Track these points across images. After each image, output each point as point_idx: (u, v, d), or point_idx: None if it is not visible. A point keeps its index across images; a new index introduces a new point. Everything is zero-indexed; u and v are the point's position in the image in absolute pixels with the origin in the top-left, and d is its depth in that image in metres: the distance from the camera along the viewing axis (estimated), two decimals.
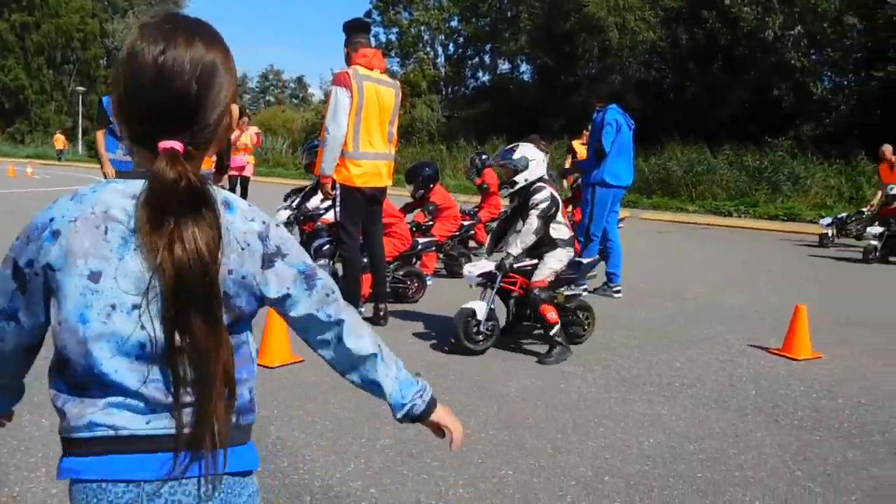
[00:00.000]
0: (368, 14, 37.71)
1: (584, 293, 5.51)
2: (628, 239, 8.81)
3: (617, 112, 7.13)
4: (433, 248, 7.31)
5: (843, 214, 12.87)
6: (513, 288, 5.23)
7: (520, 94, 30.88)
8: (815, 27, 21.08)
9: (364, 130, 5.38)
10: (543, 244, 5.16)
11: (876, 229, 10.79)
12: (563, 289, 5.25)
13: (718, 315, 6.60)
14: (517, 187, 5.21)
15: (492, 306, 5.05)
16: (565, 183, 10.69)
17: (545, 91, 27.81)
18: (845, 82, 22.32)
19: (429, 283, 6.85)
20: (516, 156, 5.19)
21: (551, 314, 4.95)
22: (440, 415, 1.41)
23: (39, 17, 53.53)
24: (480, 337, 5.00)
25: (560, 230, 5.16)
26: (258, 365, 4.69)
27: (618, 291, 7.27)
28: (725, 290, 7.88)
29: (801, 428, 3.90)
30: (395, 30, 37.83)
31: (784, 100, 21.92)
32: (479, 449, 3.46)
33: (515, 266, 5.13)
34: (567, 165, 10.79)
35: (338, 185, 5.44)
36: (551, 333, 4.94)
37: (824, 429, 3.89)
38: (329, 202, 5.99)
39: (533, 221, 5.02)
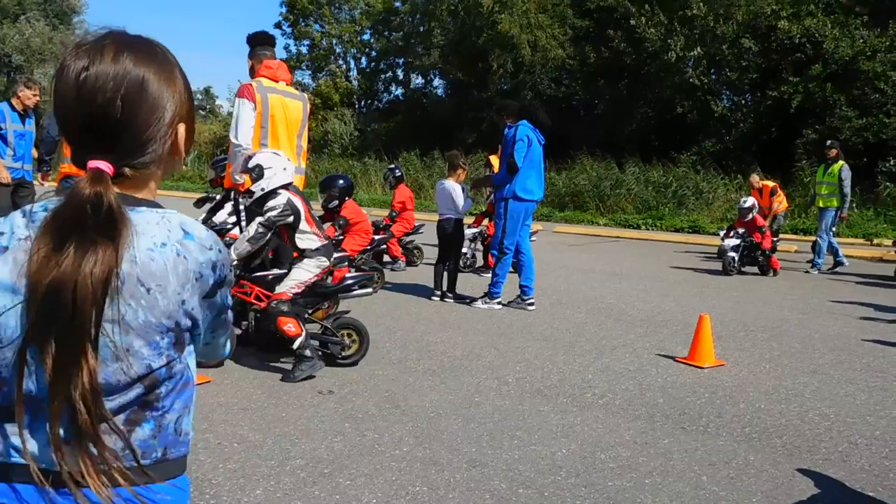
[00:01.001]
0: (278, 25, 37.06)
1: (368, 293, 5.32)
2: (541, 252, 8.95)
3: (528, 128, 7.25)
4: (345, 263, 7.21)
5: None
6: (247, 298, 4.99)
7: (433, 109, 31.03)
8: (714, 49, 22.08)
9: (271, 143, 5.28)
10: (288, 256, 4.92)
11: (732, 241, 10.76)
12: (313, 306, 5.07)
13: (629, 325, 6.77)
14: (255, 197, 4.86)
15: None
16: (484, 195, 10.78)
17: (459, 105, 28.05)
18: (743, 101, 23.43)
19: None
20: (251, 164, 4.86)
21: (289, 326, 4.64)
22: None
23: None
24: None
25: (307, 240, 4.84)
26: None
27: (531, 304, 7.36)
28: (635, 300, 8.10)
29: (706, 433, 4.03)
30: (306, 42, 37.31)
31: (687, 117, 22.83)
32: (394, 466, 3.41)
33: (253, 276, 4.96)
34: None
35: (240, 199, 5.34)
36: (294, 347, 4.64)
37: (727, 434, 4.03)
38: (235, 218, 5.84)
39: (251, 228, 4.73)
